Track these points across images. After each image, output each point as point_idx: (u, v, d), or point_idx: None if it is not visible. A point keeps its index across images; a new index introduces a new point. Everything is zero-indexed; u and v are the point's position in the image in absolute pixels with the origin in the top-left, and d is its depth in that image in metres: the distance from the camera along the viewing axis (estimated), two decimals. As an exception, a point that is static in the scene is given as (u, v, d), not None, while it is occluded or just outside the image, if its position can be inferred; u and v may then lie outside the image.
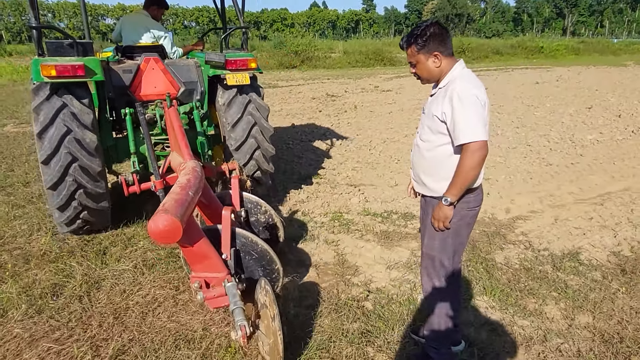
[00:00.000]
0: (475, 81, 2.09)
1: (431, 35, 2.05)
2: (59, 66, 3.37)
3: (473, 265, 3.47)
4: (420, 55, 2.10)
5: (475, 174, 2.01)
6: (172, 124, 3.48)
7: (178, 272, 3.23)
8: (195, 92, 4.44)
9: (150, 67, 4.22)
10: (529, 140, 7.69)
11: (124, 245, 3.68)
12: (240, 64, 4.15)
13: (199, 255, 2.27)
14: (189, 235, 2.16)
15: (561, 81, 17.48)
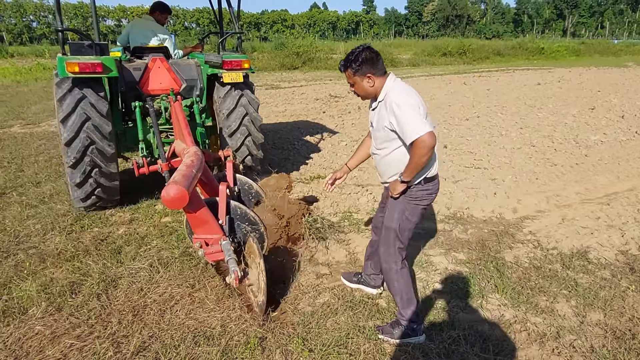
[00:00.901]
0: (406, 88, 2.44)
1: (363, 60, 2.38)
2: (81, 64, 4.01)
3: (483, 263, 3.51)
4: (356, 77, 2.44)
5: (425, 161, 2.35)
6: (177, 116, 4.05)
7: (193, 270, 3.27)
8: (196, 88, 5.07)
9: (156, 65, 4.81)
10: (533, 141, 7.73)
11: (138, 245, 3.72)
12: (235, 64, 4.85)
13: (200, 220, 2.76)
14: (193, 203, 2.64)
15: (563, 82, 17.52)
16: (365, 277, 3.14)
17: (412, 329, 2.59)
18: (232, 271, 2.62)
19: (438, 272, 3.39)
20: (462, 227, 4.26)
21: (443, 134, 8.32)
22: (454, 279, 3.25)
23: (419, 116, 2.29)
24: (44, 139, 7.75)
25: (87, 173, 4.17)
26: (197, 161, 2.89)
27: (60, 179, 5.49)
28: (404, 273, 2.66)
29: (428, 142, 2.26)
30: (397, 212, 2.60)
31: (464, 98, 13.21)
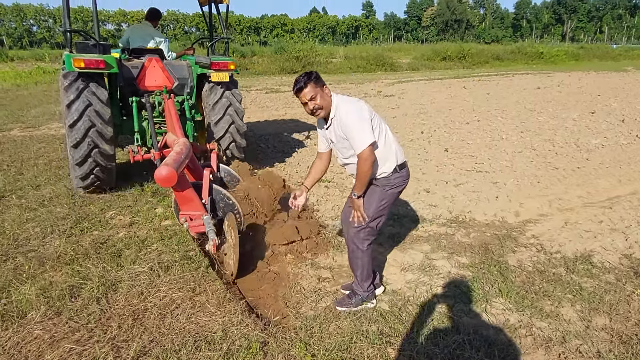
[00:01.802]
0: (350, 99, 2.69)
1: (317, 76, 2.65)
2: (86, 60, 4.62)
3: (487, 267, 3.48)
4: (317, 88, 2.62)
5: (370, 172, 2.61)
6: (170, 111, 4.61)
7: (194, 274, 3.23)
8: (187, 86, 5.63)
9: (152, 65, 5.36)
10: (534, 145, 7.72)
11: (138, 248, 3.69)
12: (222, 65, 5.46)
13: (186, 199, 3.23)
14: (180, 184, 3.12)
15: (562, 86, 17.55)
16: None
17: (366, 296, 2.91)
18: (210, 239, 3.14)
19: (441, 275, 3.35)
20: (465, 231, 4.23)
21: (444, 138, 8.30)
22: (457, 282, 3.22)
23: (365, 125, 2.52)
24: (44, 142, 7.72)
25: (87, 152, 4.69)
26: (186, 150, 3.41)
27: (60, 182, 5.46)
28: (369, 252, 2.89)
29: (367, 155, 2.51)
30: (376, 201, 2.79)
31: (464, 102, 13.22)
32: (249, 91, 16.04)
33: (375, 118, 2.69)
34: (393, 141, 2.79)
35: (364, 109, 2.62)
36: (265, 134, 8.83)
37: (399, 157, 2.80)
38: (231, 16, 69.53)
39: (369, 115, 2.60)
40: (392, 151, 2.75)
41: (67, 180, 5.59)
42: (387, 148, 2.73)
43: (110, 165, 4.90)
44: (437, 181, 5.72)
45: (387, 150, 2.74)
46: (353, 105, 2.63)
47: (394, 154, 2.76)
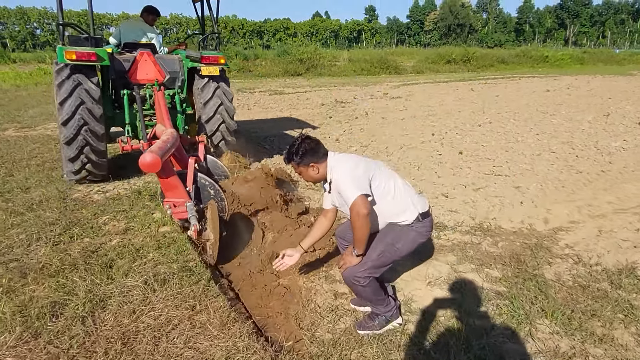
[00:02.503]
0: (347, 158, 2.51)
1: (304, 152, 2.47)
2: (77, 52, 4.71)
3: (522, 282, 3.09)
4: (301, 168, 2.52)
5: (366, 230, 2.34)
6: (159, 104, 4.71)
7: (193, 288, 2.86)
8: (178, 79, 5.70)
9: (144, 58, 5.41)
10: (552, 147, 7.35)
11: (132, 258, 3.31)
12: (212, 59, 5.61)
13: (171, 186, 3.29)
14: (165, 171, 3.18)
15: (572, 89, 17.20)
16: None
17: (390, 315, 2.59)
18: (192, 225, 3.25)
19: (473, 292, 2.97)
20: (491, 240, 3.85)
21: (457, 140, 7.94)
22: (492, 301, 2.84)
23: (352, 182, 2.33)
24: (38, 143, 7.37)
25: (79, 149, 4.80)
26: (172, 139, 3.47)
27: (52, 184, 5.11)
28: (371, 284, 2.53)
29: (358, 209, 2.26)
30: (390, 237, 2.51)
31: (473, 104, 12.87)
32: (252, 93, 15.72)
33: (379, 172, 2.49)
34: (408, 191, 2.55)
35: (359, 165, 2.44)
36: (270, 135, 8.47)
37: (420, 205, 2.53)
38: (234, 20, 69.42)
39: (364, 170, 2.41)
40: (408, 201, 2.50)
41: (60, 182, 5.24)
42: (400, 200, 2.50)
43: (102, 161, 5.05)
44: (455, 185, 5.34)
45: (401, 201, 2.50)
46: (348, 163, 2.46)
47: (412, 203, 2.50)
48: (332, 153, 2.55)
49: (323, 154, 2.52)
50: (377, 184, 2.44)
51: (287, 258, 2.73)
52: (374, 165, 2.50)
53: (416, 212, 2.48)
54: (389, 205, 2.47)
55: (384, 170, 2.54)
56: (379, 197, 2.44)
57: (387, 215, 2.50)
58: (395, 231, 2.50)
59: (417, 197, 2.56)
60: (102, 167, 5.09)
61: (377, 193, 2.43)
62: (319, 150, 2.51)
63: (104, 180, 5.23)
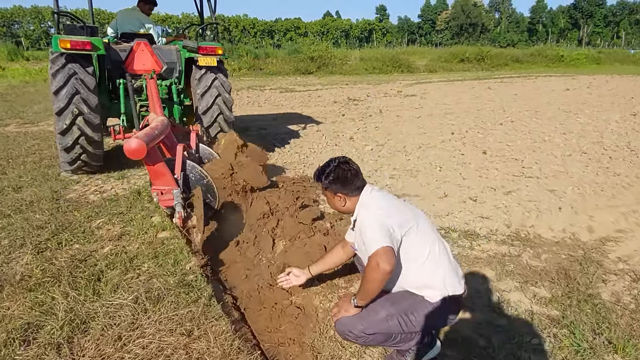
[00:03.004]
0: (380, 200, 2.07)
1: (334, 179, 2.11)
2: (72, 41, 4.64)
3: (576, 304, 2.63)
4: (327, 192, 2.19)
5: (378, 287, 1.91)
6: (151, 91, 4.69)
7: (192, 307, 2.44)
8: (175, 70, 5.65)
9: (140, 49, 5.34)
10: (582, 148, 6.84)
11: (125, 268, 2.91)
12: (209, 50, 5.48)
13: (158, 173, 3.20)
14: (152, 158, 3.10)
15: (592, 88, 16.59)
16: None
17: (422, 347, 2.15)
18: (177, 212, 3.15)
19: (521, 316, 2.52)
20: (532, 251, 3.39)
21: (478, 139, 7.45)
22: (547, 329, 2.39)
23: (379, 230, 1.90)
24: (39, 139, 7.04)
25: (75, 140, 4.73)
26: (162, 126, 3.45)
27: (46, 183, 4.74)
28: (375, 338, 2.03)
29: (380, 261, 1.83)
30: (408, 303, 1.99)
31: (491, 102, 12.35)
32: (262, 90, 15.33)
33: (416, 231, 2.00)
34: (443, 264, 2.03)
35: (394, 214, 2.00)
36: (281, 132, 8.05)
37: (452, 287, 1.99)
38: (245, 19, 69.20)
39: (398, 224, 1.96)
40: (438, 278, 1.99)
41: (55, 181, 4.88)
42: (429, 272, 1.99)
43: (98, 151, 4.99)
44: (483, 188, 4.88)
45: (430, 275, 1.99)
46: (382, 207, 2.03)
47: (442, 281, 1.99)
48: (369, 188, 2.14)
49: (357, 187, 2.12)
50: (408, 244, 1.97)
51: (292, 277, 2.50)
52: (413, 221, 2.01)
53: (445, 293, 1.97)
54: (412, 274, 2.00)
55: (424, 229, 2.04)
56: (404, 260, 1.99)
57: (406, 282, 2.03)
58: (414, 300, 1.99)
59: (452, 273, 2.03)
60: (98, 157, 5.04)
61: (403, 255, 1.97)
62: (353, 182, 2.12)
63: (100, 171, 5.12)
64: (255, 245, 3.39)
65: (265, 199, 3.83)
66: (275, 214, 3.68)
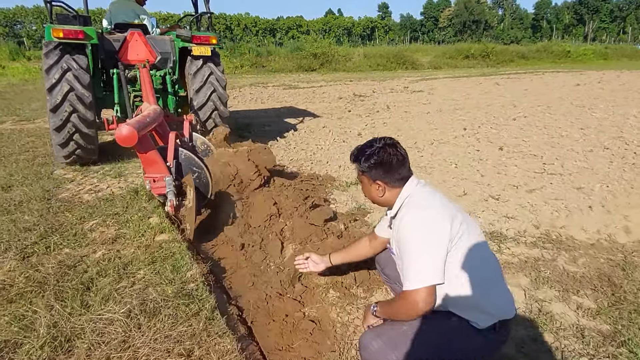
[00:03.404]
0: (428, 201, 1.71)
1: (375, 164, 1.79)
2: (65, 30, 4.61)
3: (628, 317, 2.32)
4: (364, 177, 1.86)
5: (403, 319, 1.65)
6: (144, 80, 4.66)
7: (192, 322, 2.14)
8: (169, 60, 5.60)
9: (134, 39, 5.33)
10: (603, 143, 6.50)
11: (118, 276, 2.61)
12: (203, 39, 5.44)
13: (150, 161, 3.14)
14: (144, 145, 3.06)
15: (603, 83, 16.19)
16: None
17: None
18: (168, 200, 3.14)
19: (568, 332, 2.20)
20: (568, 255, 3.07)
21: (492, 134, 7.13)
22: (602, 348, 2.07)
23: (424, 259, 1.58)
24: (34, 136, 6.77)
25: (69, 136, 4.74)
26: (154, 114, 3.43)
27: (38, 182, 4.46)
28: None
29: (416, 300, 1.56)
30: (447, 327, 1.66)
31: (501, 98, 12.01)
32: (265, 87, 15.04)
33: (467, 240, 1.64)
34: (494, 282, 1.70)
35: (442, 220, 1.62)
36: (285, 129, 7.75)
37: (502, 310, 1.67)
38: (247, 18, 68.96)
39: (446, 234, 1.60)
40: (489, 295, 1.66)
41: (48, 180, 4.59)
42: (477, 293, 1.63)
43: (92, 147, 5.02)
44: (504, 185, 4.56)
45: (478, 296, 1.63)
46: (428, 211, 1.66)
47: (494, 301, 1.66)
48: (415, 180, 1.82)
49: (401, 177, 1.80)
50: (456, 256, 1.62)
51: (311, 262, 2.34)
52: (465, 225, 1.65)
53: (496, 317, 1.64)
54: (459, 291, 1.64)
55: (474, 235, 1.67)
56: (449, 274, 1.63)
57: (451, 301, 1.67)
58: (458, 325, 1.66)
59: (505, 291, 1.72)
60: (92, 151, 5.10)
61: (449, 268, 1.63)
62: (397, 171, 1.79)
63: (96, 169, 5.02)
64: (262, 249, 3.09)
65: (272, 198, 3.53)
66: (283, 214, 3.39)
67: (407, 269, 1.60)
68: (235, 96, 12.64)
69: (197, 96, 5.44)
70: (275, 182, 3.96)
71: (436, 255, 1.58)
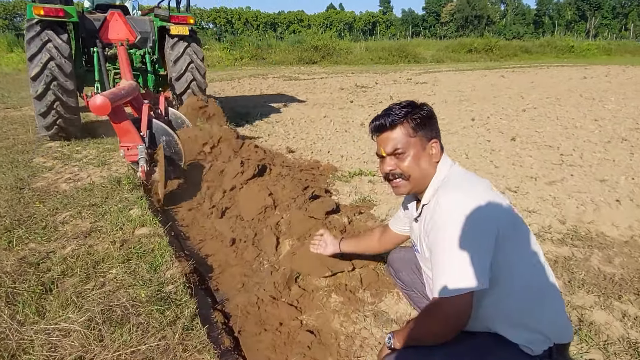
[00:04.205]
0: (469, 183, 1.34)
1: (428, 116, 1.39)
2: (46, 8, 4.76)
3: (685, 327, 1.95)
4: (415, 139, 1.38)
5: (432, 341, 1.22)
6: (121, 58, 4.85)
7: (166, 333, 1.78)
8: (149, 40, 5.84)
9: (114, 18, 5.52)
10: (620, 134, 6.13)
11: (86, 276, 2.25)
12: (181, 19, 5.69)
13: (124, 131, 3.48)
14: (117, 116, 3.41)
15: (610, 77, 15.81)
16: None
17: None
18: (140, 166, 3.43)
19: (618, 347, 1.84)
20: (601, 254, 2.71)
21: (503, 125, 6.76)
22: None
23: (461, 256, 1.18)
24: (17, 124, 6.40)
25: (50, 104, 4.93)
26: (128, 88, 3.74)
27: (13, 171, 4.09)
28: None
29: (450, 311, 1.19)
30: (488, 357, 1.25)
31: (507, 90, 11.63)
32: (265, 78, 14.64)
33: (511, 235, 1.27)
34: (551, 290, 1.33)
35: (485, 213, 1.23)
36: (285, 119, 7.37)
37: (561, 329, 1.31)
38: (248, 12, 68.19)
39: (492, 234, 1.22)
40: (543, 310, 1.28)
41: (24, 168, 4.22)
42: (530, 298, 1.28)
43: (74, 117, 5.20)
44: (521, 177, 4.19)
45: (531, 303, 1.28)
46: (468, 199, 1.25)
47: (550, 317, 1.29)
48: (449, 161, 1.44)
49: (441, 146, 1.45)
50: (501, 259, 1.25)
51: (323, 243, 2.09)
52: (514, 222, 1.30)
53: (550, 342, 1.28)
54: (504, 304, 1.28)
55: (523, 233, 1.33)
56: (493, 282, 1.24)
57: (494, 318, 1.30)
58: (505, 351, 1.27)
59: (558, 310, 1.34)
60: (74, 122, 5.25)
61: (493, 274, 1.24)
62: (439, 134, 1.45)
63: (78, 157, 4.72)
64: (255, 245, 2.74)
65: (268, 188, 3.17)
66: (279, 206, 3.02)
67: (441, 270, 1.22)
68: (234, 87, 12.24)
69: (175, 67, 5.66)
70: (272, 171, 3.59)
71: (483, 253, 1.20)
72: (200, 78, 5.79)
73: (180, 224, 3.34)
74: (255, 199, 3.10)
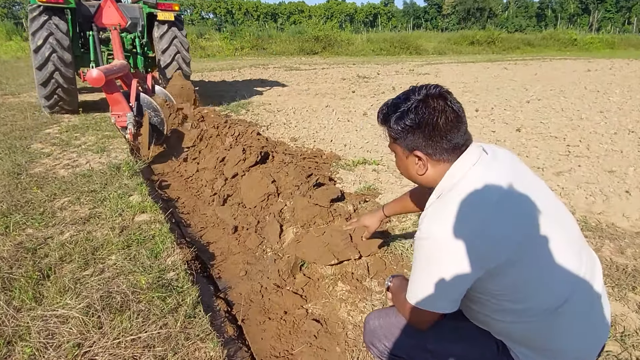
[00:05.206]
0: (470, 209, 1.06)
1: (413, 126, 1.16)
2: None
3: (702, 319, 1.89)
4: (396, 145, 1.23)
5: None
6: (114, 41, 5.39)
7: (168, 321, 1.72)
8: (138, 25, 6.47)
9: (107, 5, 6.03)
10: (627, 126, 6.05)
11: (84, 262, 2.18)
12: (167, 6, 6.37)
13: (115, 101, 4.11)
14: (110, 87, 4.07)
15: (614, 70, 15.66)
16: None
17: None
18: (128, 130, 4.09)
19: (634, 338, 1.78)
20: (613, 245, 2.64)
21: (507, 116, 6.67)
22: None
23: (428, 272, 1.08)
24: (15, 110, 6.31)
25: (53, 89, 5.60)
26: (120, 65, 4.58)
27: (10, 156, 4.01)
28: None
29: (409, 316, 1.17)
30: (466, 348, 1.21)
31: (511, 81, 11.50)
32: (266, 68, 14.50)
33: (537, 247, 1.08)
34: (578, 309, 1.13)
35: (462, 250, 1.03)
36: (286, 108, 7.27)
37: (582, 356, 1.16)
38: (248, 2, 67.57)
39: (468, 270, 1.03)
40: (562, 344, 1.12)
41: (22, 154, 4.15)
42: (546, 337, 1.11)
43: (73, 100, 5.91)
44: (529, 167, 4.11)
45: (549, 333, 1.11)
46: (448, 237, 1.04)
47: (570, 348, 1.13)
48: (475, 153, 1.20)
49: (452, 147, 1.18)
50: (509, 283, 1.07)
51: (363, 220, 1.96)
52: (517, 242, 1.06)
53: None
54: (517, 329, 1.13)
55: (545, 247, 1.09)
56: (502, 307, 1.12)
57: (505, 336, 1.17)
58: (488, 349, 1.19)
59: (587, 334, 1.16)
60: (71, 93, 5.84)
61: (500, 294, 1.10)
62: (446, 136, 1.17)
63: (77, 144, 4.71)
64: (258, 232, 2.67)
65: (271, 175, 3.10)
66: (282, 194, 2.95)
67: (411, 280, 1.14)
68: (234, 76, 12.11)
69: (163, 57, 6.42)
70: (274, 158, 3.52)
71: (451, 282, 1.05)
72: (185, 66, 6.55)
73: (181, 211, 3.28)
74: (258, 187, 3.03)
